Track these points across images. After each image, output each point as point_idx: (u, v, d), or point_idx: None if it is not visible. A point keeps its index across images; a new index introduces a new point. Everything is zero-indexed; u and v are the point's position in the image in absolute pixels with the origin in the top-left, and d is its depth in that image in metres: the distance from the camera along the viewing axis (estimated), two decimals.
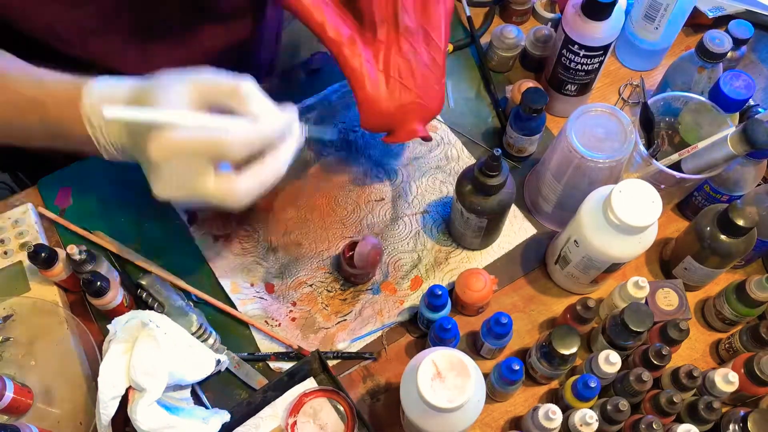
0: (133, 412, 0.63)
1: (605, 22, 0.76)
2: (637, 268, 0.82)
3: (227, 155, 0.56)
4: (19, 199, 0.84)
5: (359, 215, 0.84)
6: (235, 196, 0.58)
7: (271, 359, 0.76)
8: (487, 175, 0.69)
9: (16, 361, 0.72)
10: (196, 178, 0.57)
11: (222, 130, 0.56)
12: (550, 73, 0.86)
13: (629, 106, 0.92)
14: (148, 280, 0.76)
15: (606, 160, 0.70)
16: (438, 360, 0.57)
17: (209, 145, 0.56)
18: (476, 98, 0.92)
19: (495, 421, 0.74)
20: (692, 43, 0.93)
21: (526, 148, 0.85)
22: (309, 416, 0.73)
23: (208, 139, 0.56)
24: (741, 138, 0.67)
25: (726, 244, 0.71)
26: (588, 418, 0.65)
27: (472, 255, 0.82)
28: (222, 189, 0.57)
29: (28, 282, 0.76)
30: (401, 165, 0.87)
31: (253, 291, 0.79)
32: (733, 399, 0.73)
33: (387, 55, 0.71)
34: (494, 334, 0.71)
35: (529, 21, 0.99)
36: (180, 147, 0.56)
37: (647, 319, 0.68)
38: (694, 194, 0.81)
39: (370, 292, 0.80)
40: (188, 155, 0.56)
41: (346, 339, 0.77)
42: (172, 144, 0.55)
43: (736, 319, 0.75)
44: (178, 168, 0.57)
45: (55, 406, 0.70)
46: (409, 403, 0.60)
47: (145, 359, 0.64)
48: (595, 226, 0.68)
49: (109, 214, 0.83)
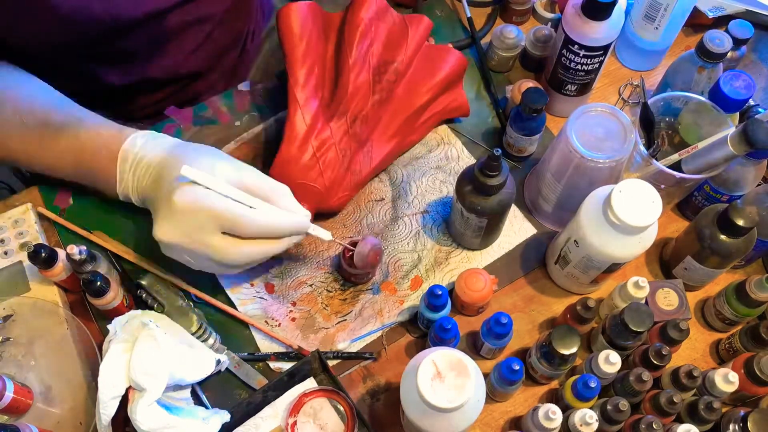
0: (133, 412, 0.63)
1: (605, 22, 0.76)
2: (637, 268, 0.82)
3: (237, 232, 0.65)
4: (19, 199, 0.84)
5: (359, 215, 0.84)
6: (233, 259, 0.66)
7: (271, 359, 0.76)
8: (487, 175, 0.69)
9: (16, 361, 0.72)
10: (205, 233, 0.65)
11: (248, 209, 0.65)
12: (550, 73, 0.86)
13: (629, 106, 0.92)
14: (148, 280, 0.76)
15: (606, 160, 0.70)
16: (438, 360, 0.57)
17: (227, 216, 0.64)
18: (476, 98, 0.92)
19: (495, 421, 0.74)
20: (692, 43, 0.93)
21: (526, 148, 0.85)
22: (309, 416, 0.73)
23: (230, 213, 0.64)
24: (741, 138, 0.67)
25: (726, 244, 0.71)
26: (588, 418, 0.65)
27: (472, 255, 0.82)
28: (224, 248, 0.65)
29: (28, 282, 0.76)
30: (401, 165, 0.87)
31: (253, 291, 0.79)
32: (733, 399, 0.73)
33: (327, 139, 0.76)
34: (494, 334, 0.71)
35: (529, 21, 0.99)
36: (204, 207, 0.64)
37: (647, 319, 0.68)
38: (694, 194, 0.81)
39: (370, 292, 0.80)
40: (206, 215, 0.64)
41: (346, 339, 0.77)
42: (198, 201, 0.64)
43: (736, 319, 0.75)
44: (191, 221, 0.64)
45: (55, 406, 0.70)
46: (409, 403, 0.60)
47: (145, 359, 0.64)
48: (595, 226, 0.68)
49: (109, 214, 0.83)
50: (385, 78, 0.78)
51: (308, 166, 0.75)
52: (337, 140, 0.76)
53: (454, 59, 0.83)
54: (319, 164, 0.75)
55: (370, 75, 0.77)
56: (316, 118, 0.76)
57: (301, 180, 0.75)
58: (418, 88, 0.81)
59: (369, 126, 0.78)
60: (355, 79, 0.76)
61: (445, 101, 0.85)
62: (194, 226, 0.64)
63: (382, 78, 0.78)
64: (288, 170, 0.75)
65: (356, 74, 0.76)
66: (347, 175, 0.78)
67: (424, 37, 0.81)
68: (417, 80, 0.81)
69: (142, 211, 0.83)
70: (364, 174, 0.80)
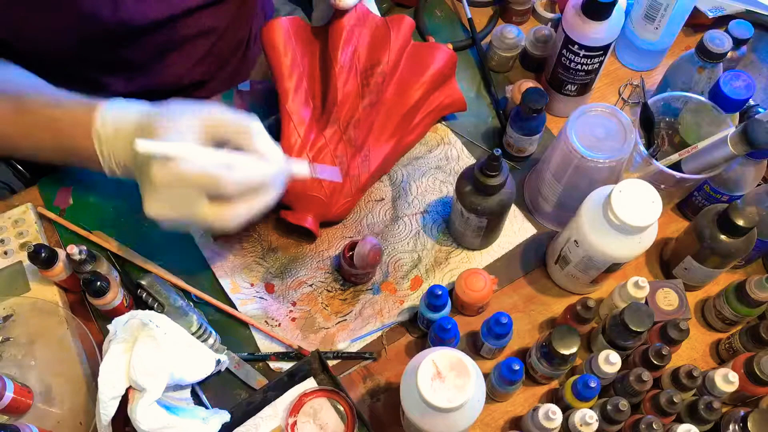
0: (133, 412, 0.63)
1: (605, 22, 0.76)
2: (637, 268, 0.82)
3: (222, 192, 0.62)
4: (19, 199, 0.84)
5: (359, 215, 0.84)
6: (225, 222, 0.63)
7: (271, 359, 0.76)
8: (487, 175, 0.69)
9: (16, 361, 0.72)
10: (192, 203, 0.62)
11: (225, 168, 0.61)
12: (550, 73, 0.86)
13: (629, 106, 0.92)
14: (148, 280, 0.76)
15: (606, 160, 0.70)
16: (438, 360, 0.57)
17: (209, 181, 0.61)
18: (476, 98, 0.92)
19: (495, 421, 0.74)
20: (692, 43, 0.93)
21: (526, 148, 0.85)
22: (309, 416, 0.73)
23: (209, 176, 0.61)
24: (741, 138, 0.67)
25: (726, 244, 0.71)
26: (588, 418, 0.65)
27: (472, 255, 0.82)
28: (217, 215, 0.63)
29: (28, 282, 0.76)
30: (401, 165, 0.87)
31: (253, 291, 0.79)
32: (733, 399, 0.73)
33: (323, 148, 0.76)
34: (494, 334, 0.71)
35: (529, 21, 0.99)
36: (182, 177, 0.61)
37: (647, 319, 0.68)
38: (694, 194, 0.81)
39: (370, 292, 0.80)
40: (188, 185, 0.61)
41: (346, 339, 0.77)
42: (175, 173, 0.61)
43: (736, 319, 0.75)
44: (176, 193, 0.62)
45: (55, 406, 0.70)
46: (409, 403, 0.60)
47: (145, 359, 0.64)
48: (595, 226, 0.68)
49: (109, 214, 0.83)
50: (373, 81, 0.78)
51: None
52: (333, 148, 0.76)
53: (443, 55, 0.83)
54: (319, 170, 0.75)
55: (357, 80, 0.77)
56: (310, 129, 0.76)
57: (302, 191, 0.75)
58: (408, 87, 0.81)
59: (363, 130, 0.78)
60: (343, 86, 0.76)
61: (439, 98, 0.85)
62: (180, 199, 0.63)
63: (370, 81, 0.78)
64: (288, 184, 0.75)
65: (344, 81, 0.76)
66: (346, 181, 0.78)
67: (407, 36, 0.81)
68: (406, 79, 0.81)
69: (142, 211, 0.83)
70: (363, 179, 0.80)
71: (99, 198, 0.84)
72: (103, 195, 0.84)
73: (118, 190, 0.84)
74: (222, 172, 0.61)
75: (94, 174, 0.85)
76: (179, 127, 0.62)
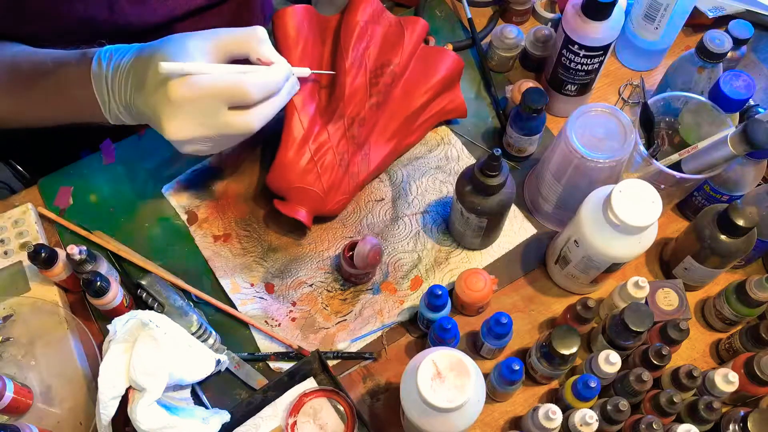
0: (133, 412, 0.63)
1: (605, 22, 0.76)
2: (637, 268, 0.82)
3: (245, 99, 0.65)
4: (19, 199, 0.84)
5: (359, 215, 0.84)
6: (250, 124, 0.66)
7: (271, 359, 0.76)
8: (487, 175, 0.69)
9: (16, 361, 0.72)
10: (215, 113, 0.65)
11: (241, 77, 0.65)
12: (550, 73, 0.86)
13: (629, 106, 0.92)
14: (148, 280, 0.76)
15: (606, 160, 0.70)
16: (438, 360, 0.57)
17: (233, 87, 0.64)
18: (476, 98, 0.92)
19: (495, 421, 0.74)
20: (692, 43, 0.93)
21: (526, 148, 0.85)
22: (309, 416, 0.73)
23: (233, 83, 0.64)
24: (741, 138, 0.67)
25: (726, 244, 0.71)
26: (588, 418, 0.65)
27: (472, 255, 0.82)
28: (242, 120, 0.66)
29: (28, 282, 0.76)
30: (401, 165, 0.87)
31: (253, 291, 0.79)
32: (733, 399, 0.73)
33: (325, 143, 0.76)
34: (494, 334, 0.71)
35: (529, 21, 0.99)
36: (206, 89, 0.63)
37: (647, 319, 0.68)
38: (694, 194, 0.81)
39: (370, 292, 0.80)
40: (210, 97, 0.64)
41: (346, 339, 0.77)
42: (198, 87, 0.63)
43: (736, 319, 0.75)
44: (198, 106, 0.64)
45: (55, 406, 0.70)
46: (409, 403, 0.60)
47: (145, 359, 0.64)
48: (595, 226, 0.68)
49: (109, 214, 0.83)
50: (382, 81, 0.78)
51: (306, 170, 0.75)
52: (335, 143, 0.76)
53: (451, 61, 0.83)
54: (317, 168, 0.75)
55: (366, 78, 0.77)
56: (314, 122, 0.76)
57: (299, 184, 0.75)
58: (415, 90, 0.81)
59: (366, 128, 0.78)
60: (351, 82, 0.76)
61: (442, 103, 0.85)
62: (203, 112, 0.64)
63: (379, 80, 0.78)
64: (286, 174, 0.75)
65: (353, 77, 0.76)
66: (345, 177, 0.78)
67: (420, 38, 0.81)
68: (414, 82, 0.81)
69: (142, 211, 0.83)
70: (362, 177, 0.80)
71: (99, 198, 0.84)
72: (103, 195, 0.84)
73: (118, 191, 0.84)
74: (243, 77, 0.65)
75: (94, 174, 0.85)
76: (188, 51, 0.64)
